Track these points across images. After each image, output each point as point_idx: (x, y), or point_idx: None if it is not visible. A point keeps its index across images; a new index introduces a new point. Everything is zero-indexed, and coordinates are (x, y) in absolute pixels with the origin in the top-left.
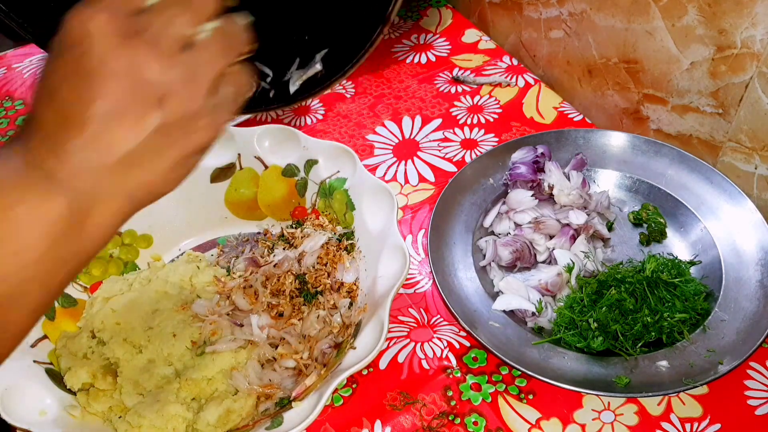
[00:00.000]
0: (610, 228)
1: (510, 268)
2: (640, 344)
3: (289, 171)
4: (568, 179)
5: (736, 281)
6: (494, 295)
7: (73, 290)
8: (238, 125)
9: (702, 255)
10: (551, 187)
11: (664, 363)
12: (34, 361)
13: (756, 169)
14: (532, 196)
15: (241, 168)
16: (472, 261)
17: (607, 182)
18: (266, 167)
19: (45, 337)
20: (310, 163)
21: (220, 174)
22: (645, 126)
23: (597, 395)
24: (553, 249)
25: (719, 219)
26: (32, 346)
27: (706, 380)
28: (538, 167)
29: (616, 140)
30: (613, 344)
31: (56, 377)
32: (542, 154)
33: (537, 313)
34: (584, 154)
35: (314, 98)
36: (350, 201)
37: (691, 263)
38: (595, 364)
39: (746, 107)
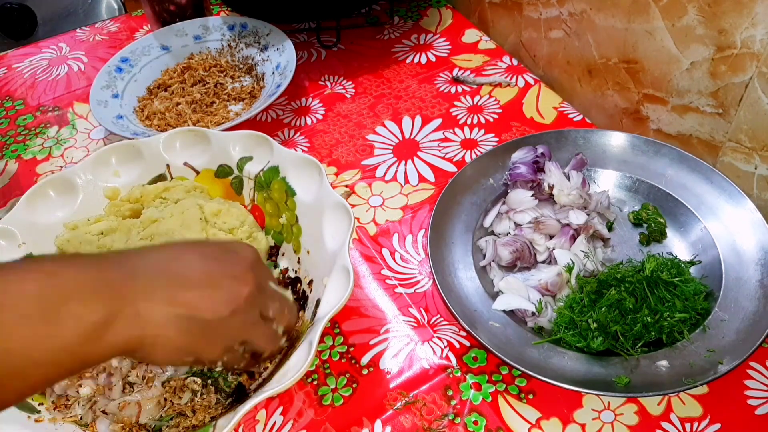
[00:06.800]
0: (610, 228)
1: (510, 268)
2: (640, 344)
3: (222, 172)
4: (568, 179)
5: (736, 281)
6: (494, 295)
7: None
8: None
9: (702, 255)
10: (551, 187)
11: (664, 363)
12: None
13: (756, 169)
14: (532, 196)
15: (171, 177)
16: (472, 261)
17: (607, 182)
18: (197, 172)
19: None
20: (244, 161)
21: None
22: (645, 126)
23: (597, 395)
24: (553, 249)
25: (719, 219)
26: None
27: (706, 380)
28: (538, 167)
29: (616, 140)
30: (613, 344)
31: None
32: (542, 154)
33: (537, 313)
34: (584, 154)
35: None
36: (290, 188)
37: (691, 263)
38: (595, 364)
39: (746, 107)
